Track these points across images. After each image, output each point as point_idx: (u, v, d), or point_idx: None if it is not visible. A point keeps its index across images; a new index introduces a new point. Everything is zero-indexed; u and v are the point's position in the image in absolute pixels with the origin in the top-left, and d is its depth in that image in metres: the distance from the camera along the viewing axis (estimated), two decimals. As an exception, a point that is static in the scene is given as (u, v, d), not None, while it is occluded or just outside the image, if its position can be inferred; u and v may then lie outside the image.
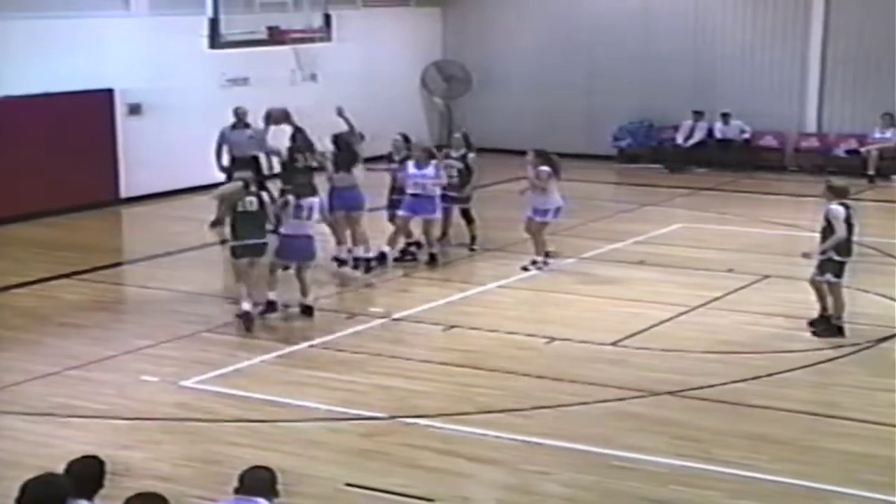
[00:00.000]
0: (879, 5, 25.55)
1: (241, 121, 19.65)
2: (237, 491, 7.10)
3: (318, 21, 22.78)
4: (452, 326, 14.21)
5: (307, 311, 14.70)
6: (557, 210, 17.33)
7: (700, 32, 27.11)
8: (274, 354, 13.29)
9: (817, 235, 14.27)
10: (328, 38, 23.14)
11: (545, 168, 17.31)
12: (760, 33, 26.66)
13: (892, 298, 15.36)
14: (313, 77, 25.23)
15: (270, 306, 14.71)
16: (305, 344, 13.65)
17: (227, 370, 12.75)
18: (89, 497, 6.68)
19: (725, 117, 26.59)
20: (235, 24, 20.88)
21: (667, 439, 10.79)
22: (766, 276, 16.57)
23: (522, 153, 21.35)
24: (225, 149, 19.45)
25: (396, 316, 14.77)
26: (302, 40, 22.81)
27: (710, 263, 17.40)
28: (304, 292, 14.74)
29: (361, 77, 26.75)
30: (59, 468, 6.73)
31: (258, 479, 7.15)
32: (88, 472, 6.82)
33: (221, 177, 18.52)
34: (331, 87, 25.15)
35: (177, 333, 14.05)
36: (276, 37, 21.91)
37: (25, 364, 12.91)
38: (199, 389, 12.16)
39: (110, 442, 10.52)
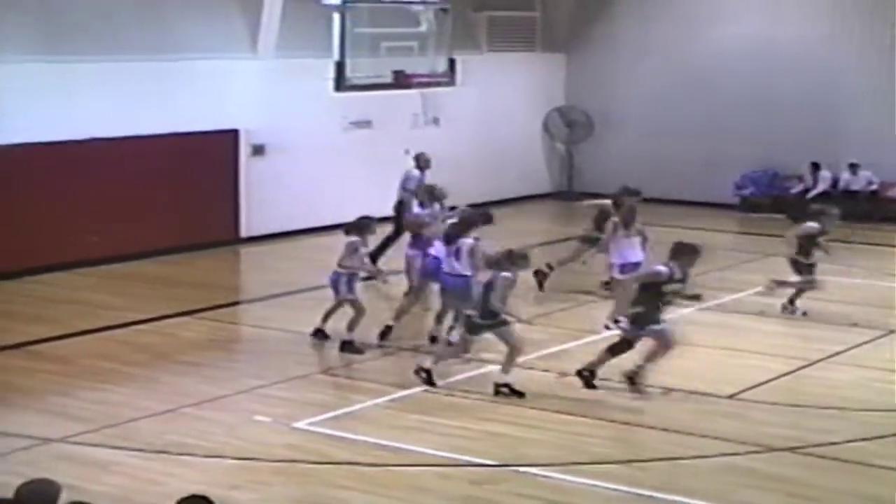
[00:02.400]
0: None
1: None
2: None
3: (442, 66, 22.91)
4: (566, 374, 14.04)
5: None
6: (634, 265, 16.44)
7: (826, 75, 26.66)
8: (387, 398, 13.23)
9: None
10: (452, 83, 23.26)
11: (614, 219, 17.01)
12: (889, 77, 26.11)
13: None
14: (436, 121, 25.32)
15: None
16: (419, 388, 13.57)
17: (340, 412, 12.74)
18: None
19: (853, 168, 26.08)
20: (361, 68, 21.10)
21: (782, 497, 10.54)
22: (892, 332, 16.16)
23: (647, 201, 21.20)
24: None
25: (510, 362, 14.61)
26: (426, 84, 22.94)
27: (833, 317, 17.03)
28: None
29: (483, 121, 26.84)
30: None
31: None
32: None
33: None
34: (452, 132, 25.29)
35: (290, 374, 14.09)
36: (400, 80, 22.10)
37: (141, 401, 13.03)
38: (310, 431, 12.15)
39: (220, 482, 10.54)
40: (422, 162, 20.29)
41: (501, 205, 27.09)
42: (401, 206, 19.87)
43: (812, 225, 17.52)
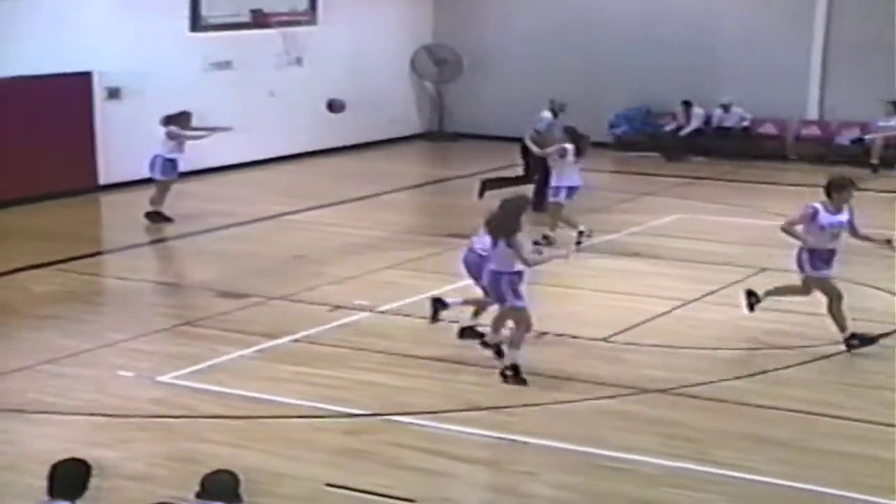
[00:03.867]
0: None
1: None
2: (199, 495, 6.90)
3: (303, 4, 22.40)
4: (439, 320, 13.80)
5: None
6: (571, 189, 17.58)
7: (701, 17, 26.65)
8: (254, 349, 12.89)
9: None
10: (314, 22, 22.77)
11: (566, 146, 17.58)
12: (764, 18, 26.21)
13: (892, 293, 14.96)
14: (299, 61, 24.79)
15: None
16: (287, 338, 13.24)
17: (206, 365, 12.37)
18: (72, 500, 6.68)
19: (725, 107, 26.18)
20: (218, 7, 20.46)
21: (660, 439, 10.43)
22: (764, 269, 16.17)
23: (515, 140, 21.10)
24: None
25: (381, 309, 14.37)
26: (286, 23, 22.43)
27: (707, 256, 17.02)
28: None
29: (349, 62, 26.34)
30: (28, 467, 6.49)
31: (221, 484, 6.93)
32: (73, 475, 6.77)
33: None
34: (317, 72, 24.80)
35: (155, 327, 13.68)
36: (258, 19, 21.55)
37: (-3, 358, 12.54)
38: (176, 385, 11.79)
39: (83, 440, 10.19)
40: (556, 106, 20.71)
41: (372, 147, 26.89)
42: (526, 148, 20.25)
43: None
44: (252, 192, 21.96)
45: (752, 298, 13.50)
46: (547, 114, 20.62)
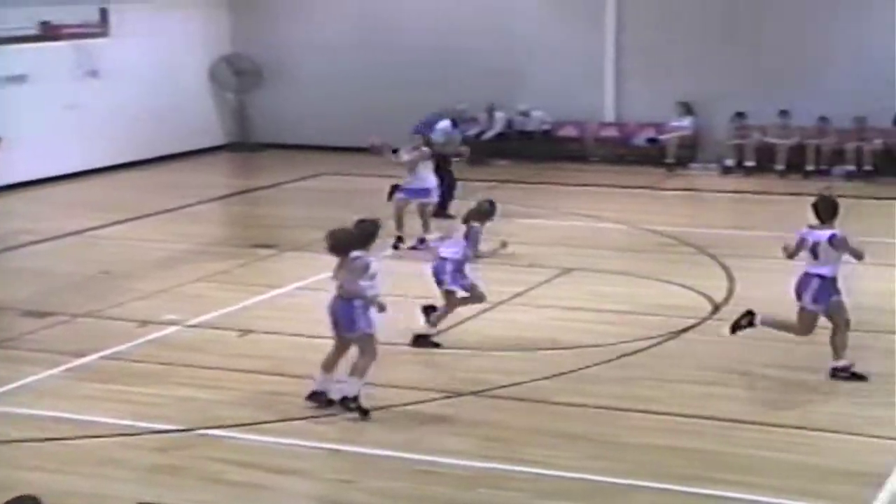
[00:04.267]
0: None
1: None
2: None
3: (94, 16, 22.01)
4: (249, 331, 13.77)
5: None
6: (420, 191, 18.12)
7: (497, 23, 27.07)
8: (62, 368, 12.65)
9: (621, 227, 14.22)
10: (106, 34, 22.39)
11: (423, 148, 18.22)
12: (558, 22, 26.75)
13: (691, 289, 15.42)
14: (94, 74, 24.37)
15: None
16: (96, 356, 13.03)
17: (13, 387, 12.09)
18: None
19: (524, 114, 26.64)
20: (6, 20, 19.96)
21: (473, 441, 10.59)
22: (569, 270, 16.53)
23: (322, 149, 21.15)
24: None
25: (191, 323, 14.25)
26: (77, 35, 22.01)
27: (512, 258, 17.25)
28: None
29: (147, 73, 26.01)
30: None
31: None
32: None
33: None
34: (114, 84, 24.42)
35: (-44, 349, 13.33)
36: (49, 32, 21.09)
37: None
38: (-18, 409, 11.51)
39: None
40: (455, 114, 21.43)
41: (175, 159, 26.57)
42: None
43: None
44: (55, 209, 21.55)
45: (745, 319, 12.65)
46: (446, 122, 20.86)
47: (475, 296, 13.56)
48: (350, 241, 11.26)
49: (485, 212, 14.06)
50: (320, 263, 16.65)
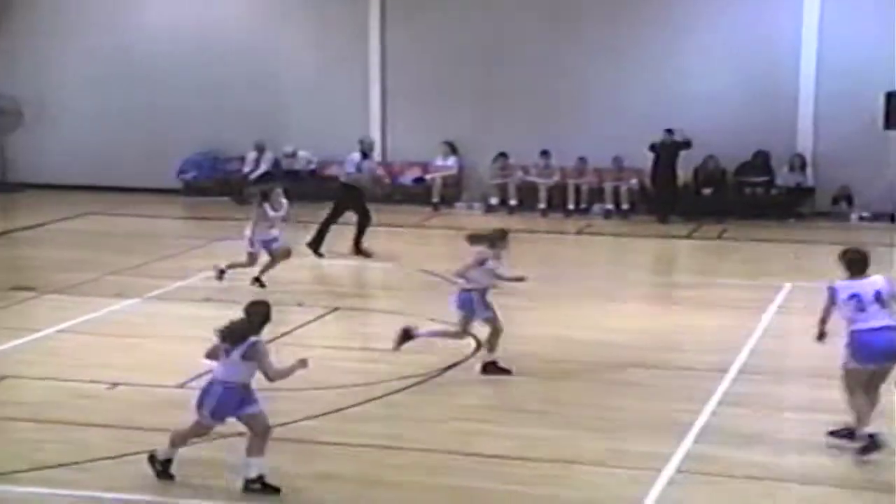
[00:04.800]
0: (431, 37, 26.25)
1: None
2: None
3: None
4: (3, 377, 13.36)
5: None
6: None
7: (262, 61, 27.05)
8: None
9: (388, 265, 14.27)
10: None
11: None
12: (322, 62, 26.90)
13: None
14: None
15: None
16: None
17: None
18: None
19: (289, 155, 26.67)
20: None
21: (235, 485, 10.45)
22: (337, 309, 16.55)
23: (85, 188, 20.75)
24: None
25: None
26: None
27: (278, 297, 17.18)
28: None
29: None
30: None
31: None
32: None
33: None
34: None
35: None
36: None
37: None
38: None
39: None
40: (365, 146, 21.22)
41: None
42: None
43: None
44: None
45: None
46: (356, 155, 20.89)
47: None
48: (242, 330, 10.58)
49: (496, 237, 13.94)
50: (82, 306, 16.44)
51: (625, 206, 24.96)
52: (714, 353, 14.38)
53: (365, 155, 21.08)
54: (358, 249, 20.33)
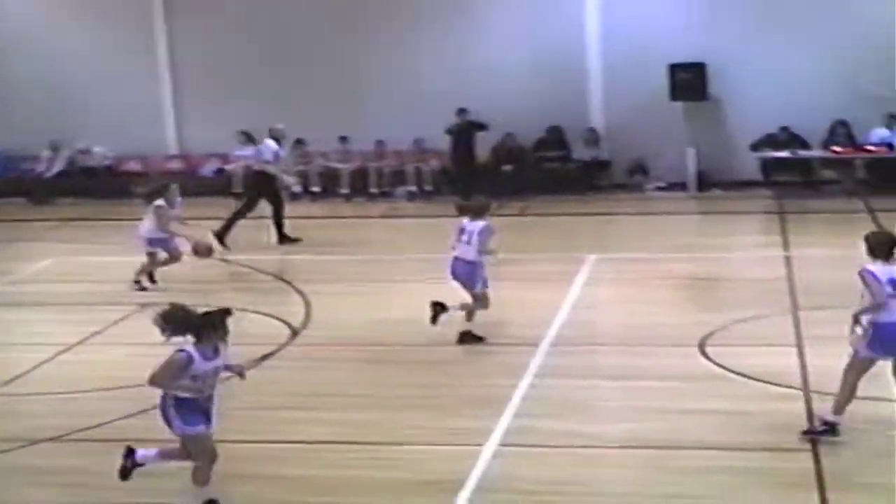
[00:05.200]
0: (220, 26, 26.05)
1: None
2: None
3: None
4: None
5: None
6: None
7: (50, 58, 26.50)
8: None
9: (193, 258, 14.12)
10: None
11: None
12: (110, 56, 26.46)
13: (270, 315, 15.58)
14: None
15: None
16: None
17: None
18: None
19: (84, 151, 26.22)
20: None
21: (58, 489, 10.31)
22: (146, 305, 16.33)
23: None
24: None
25: None
26: None
27: (87, 297, 16.94)
28: None
29: None
30: None
31: None
32: None
33: None
34: None
35: None
36: None
37: None
38: None
39: None
40: (277, 133, 20.90)
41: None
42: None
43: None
44: None
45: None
46: (271, 142, 20.58)
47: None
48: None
49: (482, 207, 14.13)
50: None
51: (428, 188, 25.19)
52: (527, 327, 14.65)
53: (278, 141, 20.98)
54: (285, 237, 20.40)
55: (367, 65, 25.74)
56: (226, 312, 9.63)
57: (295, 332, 14.72)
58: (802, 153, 23.99)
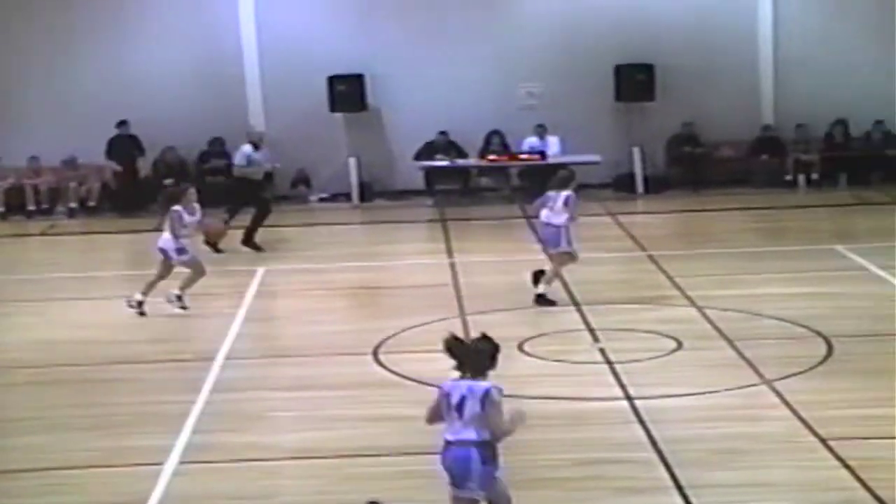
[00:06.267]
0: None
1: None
2: None
3: None
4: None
5: None
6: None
7: None
8: None
9: None
10: None
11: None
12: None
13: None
14: None
15: None
16: None
17: None
18: None
19: None
20: None
21: None
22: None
23: None
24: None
25: None
26: None
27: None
28: None
29: None
30: None
31: None
32: None
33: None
34: None
35: None
36: None
37: None
38: None
39: None
40: (255, 137, 20.58)
41: None
42: None
43: None
44: None
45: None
46: (248, 147, 20.20)
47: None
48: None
49: (568, 177, 15.77)
50: None
51: (91, 204, 24.54)
52: (201, 341, 14.54)
53: (256, 147, 20.30)
54: (250, 242, 19.66)
55: (15, 79, 24.85)
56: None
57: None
58: (461, 162, 24.66)
